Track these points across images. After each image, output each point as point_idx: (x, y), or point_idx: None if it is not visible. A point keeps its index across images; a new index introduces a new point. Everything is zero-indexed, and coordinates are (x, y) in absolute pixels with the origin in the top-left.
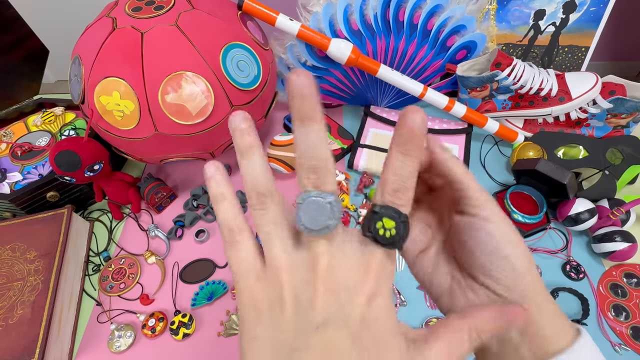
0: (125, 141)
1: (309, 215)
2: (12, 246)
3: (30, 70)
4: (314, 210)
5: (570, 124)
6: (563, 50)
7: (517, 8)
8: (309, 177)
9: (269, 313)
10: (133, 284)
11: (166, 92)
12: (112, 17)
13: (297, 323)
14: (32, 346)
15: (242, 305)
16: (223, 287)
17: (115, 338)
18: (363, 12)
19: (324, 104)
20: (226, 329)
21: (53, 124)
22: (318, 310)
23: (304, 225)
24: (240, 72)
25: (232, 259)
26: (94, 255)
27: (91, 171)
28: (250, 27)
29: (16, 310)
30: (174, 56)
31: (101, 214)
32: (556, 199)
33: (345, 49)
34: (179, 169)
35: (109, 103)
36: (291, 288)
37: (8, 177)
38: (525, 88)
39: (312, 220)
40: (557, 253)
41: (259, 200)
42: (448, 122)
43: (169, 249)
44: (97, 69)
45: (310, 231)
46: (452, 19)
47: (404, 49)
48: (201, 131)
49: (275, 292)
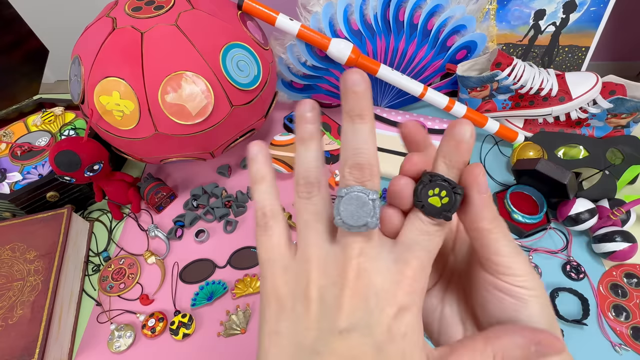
0: (125, 141)
1: (349, 210)
2: (12, 246)
3: (30, 70)
4: (355, 205)
5: (570, 124)
6: (563, 50)
7: (517, 8)
8: (352, 172)
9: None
10: (133, 284)
11: (166, 92)
12: (112, 17)
13: (320, 323)
14: (32, 346)
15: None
16: (223, 287)
17: (115, 338)
18: (363, 12)
19: (324, 103)
20: (226, 329)
21: (53, 124)
22: (344, 314)
23: (342, 220)
24: (240, 72)
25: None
26: (93, 255)
27: (91, 171)
28: (250, 27)
29: (16, 310)
30: (173, 56)
31: (101, 214)
32: (556, 199)
33: (345, 49)
34: (179, 169)
35: (108, 103)
36: (318, 285)
37: (8, 177)
38: (525, 88)
39: (352, 216)
40: (558, 253)
41: (306, 188)
42: (448, 122)
43: (169, 249)
44: (97, 69)
45: (349, 227)
46: (452, 18)
47: (404, 48)
48: (201, 131)
49: (300, 287)
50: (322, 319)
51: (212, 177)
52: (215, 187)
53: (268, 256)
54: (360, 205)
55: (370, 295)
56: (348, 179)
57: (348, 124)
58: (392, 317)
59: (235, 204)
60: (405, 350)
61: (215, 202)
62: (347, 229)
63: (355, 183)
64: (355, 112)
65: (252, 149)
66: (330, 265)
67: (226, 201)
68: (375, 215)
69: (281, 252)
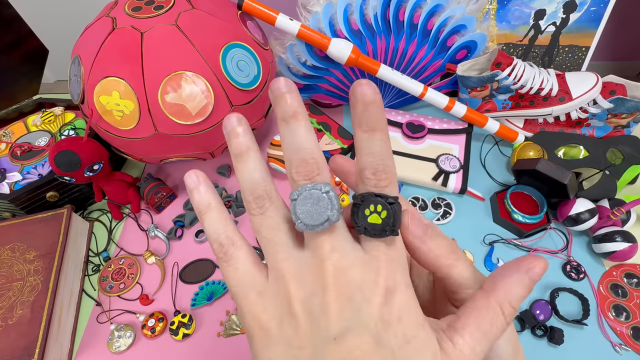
0: (125, 141)
1: (306, 210)
2: (11, 246)
3: (29, 70)
4: (310, 204)
5: (570, 124)
6: (563, 50)
7: (517, 8)
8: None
9: (279, 332)
10: (133, 284)
11: (166, 92)
12: (112, 16)
13: (313, 337)
14: (32, 346)
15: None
16: (223, 287)
17: (115, 338)
18: (363, 12)
19: (324, 103)
20: (226, 329)
21: (53, 124)
22: (333, 319)
23: (302, 222)
24: (240, 71)
25: (229, 276)
26: (93, 256)
27: (91, 171)
28: (250, 26)
29: (16, 311)
30: (173, 56)
31: (101, 214)
32: (556, 199)
33: (345, 49)
34: (179, 169)
35: (108, 103)
36: (300, 299)
37: (7, 177)
38: (525, 88)
39: (310, 215)
40: (558, 253)
41: (257, 204)
42: (448, 122)
43: (169, 249)
44: (96, 69)
45: (311, 227)
46: (452, 18)
47: (404, 48)
48: (201, 131)
49: (282, 306)
50: (314, 332)
51: (212, 177)
52: (215, 188)
53: (239, 288)
54: (315, 202)
55: (353, 291)
56: (296, 179)
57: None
58: (381, 305)
59: (235, 204)
60: (405, 332)
61: None
62: (310, 229)
63: (305, 181)
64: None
65: (189, 179)
66: (305, 274)
67: (226, 201)
68: (334, 207)
69: (252, 279)
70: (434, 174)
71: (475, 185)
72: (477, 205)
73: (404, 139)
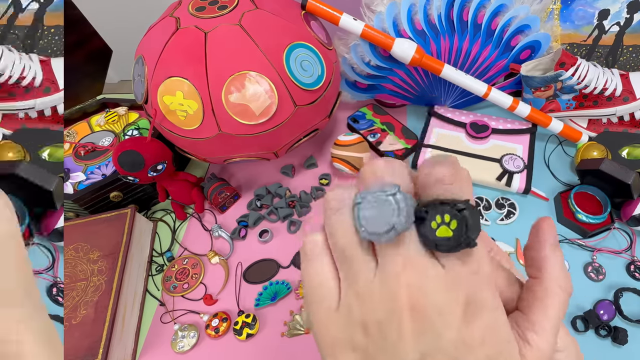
0: (188, 141)
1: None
2: (75, 246)
3: (93, 70)
4: (374, 208)
5: (634, 124)
6: (627, 50)
7: (581, 8)
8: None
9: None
10: (196, 284)
11: (229, 92)
12: (176, 16)
13: None
14: (96, 347)
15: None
16: (287, 287)
17: (179, 338)
18: (427, 12)
19: (388, 103)
20: (290, 330)
21: (116, 124)
22: (409, 344)
23: (366, 230)
24: (303, 71)
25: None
26: (157, 256)
27: (154, 171)
28: (313, 26)
29: (79, 311)
30: (237, 56)
31: (165, 214)
32: (620, 199)
33: (409, 49)
34: (243, 169)
35: (172, 103)
36: (374, 321)
37: (71, 177)
38: (589, 88)
39: (375, 222)
40: (621, 253)
41: None
42: (512, 122)
43: (233, 249)
44: (160, 69)
45: (377, 237)
46: (516, 18)
47: (468, 48)
48: (265, 131)
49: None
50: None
51: (275, 177)
52: (279, 187)
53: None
54: (379, 206)
55: (432, 313)
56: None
57: None
58: (462, 328)
59: (299, 204)
60: (489, 354)
61: (279, 202)
62: (376, 239)
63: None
64: None
65: None
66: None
67: (290, 201)
68: (402, 213)
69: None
70: (497, 173)
71: (539, 185)
72: (541, 205)
73: (467, 139)
